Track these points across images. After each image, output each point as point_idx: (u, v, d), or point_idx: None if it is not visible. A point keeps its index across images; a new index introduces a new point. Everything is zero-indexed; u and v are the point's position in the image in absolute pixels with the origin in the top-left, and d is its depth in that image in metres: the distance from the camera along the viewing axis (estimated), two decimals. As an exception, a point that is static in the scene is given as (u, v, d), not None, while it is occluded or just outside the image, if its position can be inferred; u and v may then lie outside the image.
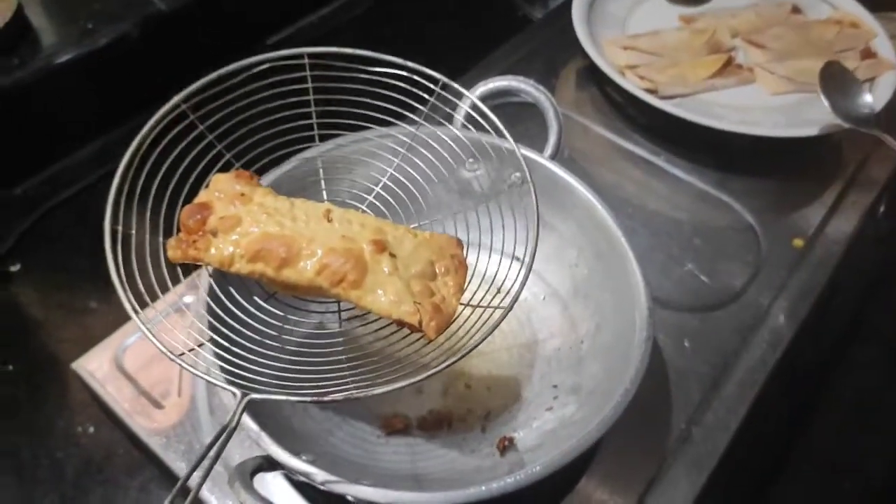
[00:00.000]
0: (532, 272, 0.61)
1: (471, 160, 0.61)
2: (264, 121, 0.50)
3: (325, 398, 0.40)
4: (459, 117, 0.61)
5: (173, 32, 0.82)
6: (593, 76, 0.86)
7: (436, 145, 0.55)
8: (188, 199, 0.46)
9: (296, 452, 0.42)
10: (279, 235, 0.43)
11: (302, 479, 0.41)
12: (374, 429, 0.52)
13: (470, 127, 0.59)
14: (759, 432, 0.61)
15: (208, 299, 0.46)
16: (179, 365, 0.40)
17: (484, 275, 0.49)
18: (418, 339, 0.43)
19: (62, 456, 0.55)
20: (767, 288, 0.67)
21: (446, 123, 0.56)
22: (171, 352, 0.40)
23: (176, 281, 0.44)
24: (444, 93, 0.52)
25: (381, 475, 0.47)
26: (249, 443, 0.53)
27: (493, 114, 0.53)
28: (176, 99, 0.46)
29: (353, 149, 0.57)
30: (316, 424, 0.50)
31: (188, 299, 0.60)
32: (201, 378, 0.41)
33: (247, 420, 0.42)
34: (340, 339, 0.45)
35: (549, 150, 0.60)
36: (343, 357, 0.43)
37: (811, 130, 0.73)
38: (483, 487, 0.40)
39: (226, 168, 0.49)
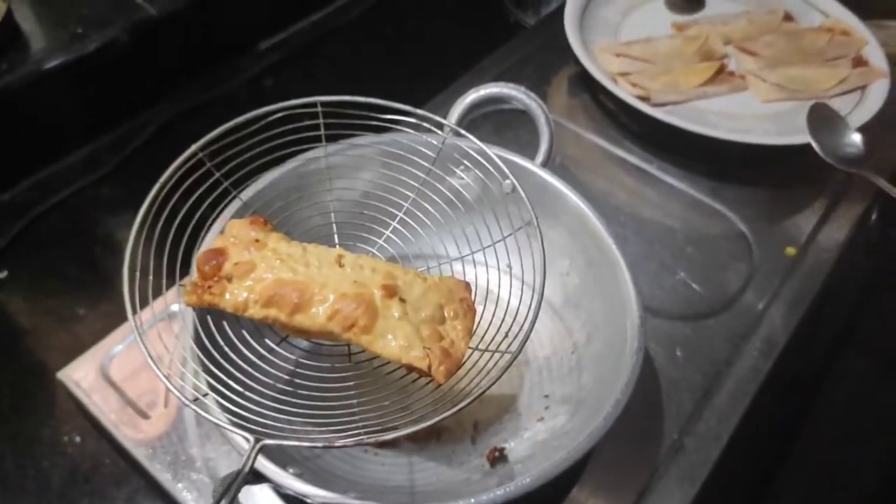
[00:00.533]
0: (522, 281, 0.61)
1: (461, 167, 0.60)
2: (279, 164, 0.53)
3: (336, 444, 0.40)
4: (451, 123, 0.61)
5: (163, 37, 0.81)
6: (585, 83, 0.86)
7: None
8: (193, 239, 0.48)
9: (283, 465, 0.41)
10: (292, 281, 0.44)
11: (289, 492, 0.40)
12: (362, 440, 0.52)
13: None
14: (751, 441, 0.61)
15: (194, 346, 0.46)
16: (195, 411, 0.41)
17: (494, 311, 0.50)
18: (428, 383, 0.44)
19: (48, 466, 0.55)
20: (760, 296, 0.66)
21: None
22: (185, 397, 0.41)
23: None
24: (452, 138, 0.55)
25: (370, 488, 0.47)
26: (236, 454, 0.52)
27: (485, 120, 0.53)
28: (193, 147, 0.48)
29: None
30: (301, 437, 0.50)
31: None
32: (215, 423, 0.41)
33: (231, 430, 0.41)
34: (352, 384, 0.45)
35: (540, 157, 0.60)
36: (354, 401, 0.44)
37: (803, 138, 0.73)
38: (472, 500, 0.40)
39: (241, 213, 0.51)
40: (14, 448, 0.56)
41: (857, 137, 0.74)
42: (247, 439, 0.39)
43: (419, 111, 0.52)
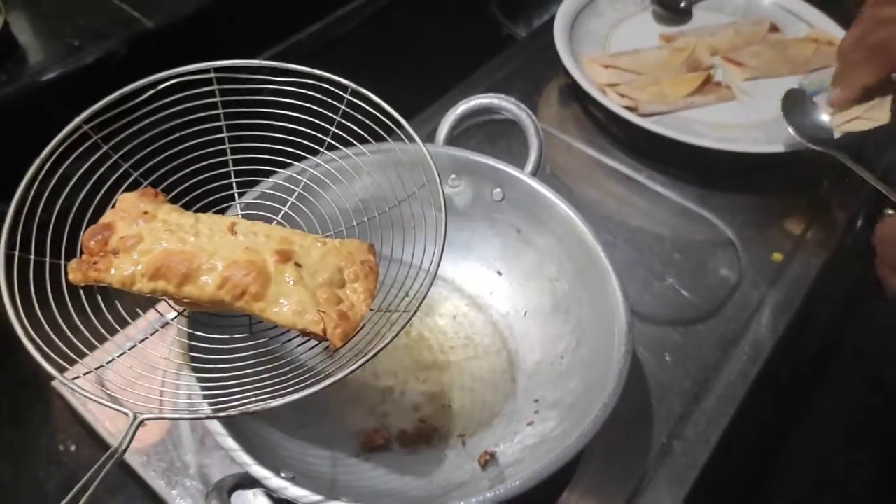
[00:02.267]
0: (512, 287, 0.62)
1: (452, 177, 0.61)
2: (173, 137, 0.49)
3: (221, 414, 0.39)
4: (442, 134, 0.62)
5: (161, 50, 0.82)
6: (575, 94, 0.87)
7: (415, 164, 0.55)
8: (95, 221, 0.45)
9: (275, 469, 0.42)
10: (180, 252, 0.42)
11: (282, 496, 0.41)
12: (353, 445, 0.52)
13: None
14: (740, 446, 0.61)
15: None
16: (69, 387, 0.40)
17: (396, 273, 0.49)
18: (326, 348, 0.43)
19: (44, 475, 0.55)
20: (747, 302, 0.67)
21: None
22: (62, 375, 0.40)
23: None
24: (354, 100, 0.51)
25: (362, 492, 0.47)
26: (230, 460, 0.53)
27: (477, 130, 0.53)
28: (77, 120, 0.46)
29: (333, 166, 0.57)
30: (295, 441, 0.50)
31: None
32: (91, 399, 0.40)
33: (225, 437, 0.42)
34: (249, 354, 0.44)
35: (529, 166, 0.61)
36: (250, 371, 0.43)
37: (790, 146, 0.75)
38: (462, 503, 0.41)
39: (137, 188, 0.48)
40: (10, 457, 0.56)
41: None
42: (127, 415, 0.39)
43: (318, 72, 0.50)
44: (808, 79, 0.84)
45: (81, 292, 0.45)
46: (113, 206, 0.46)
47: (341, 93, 0.51)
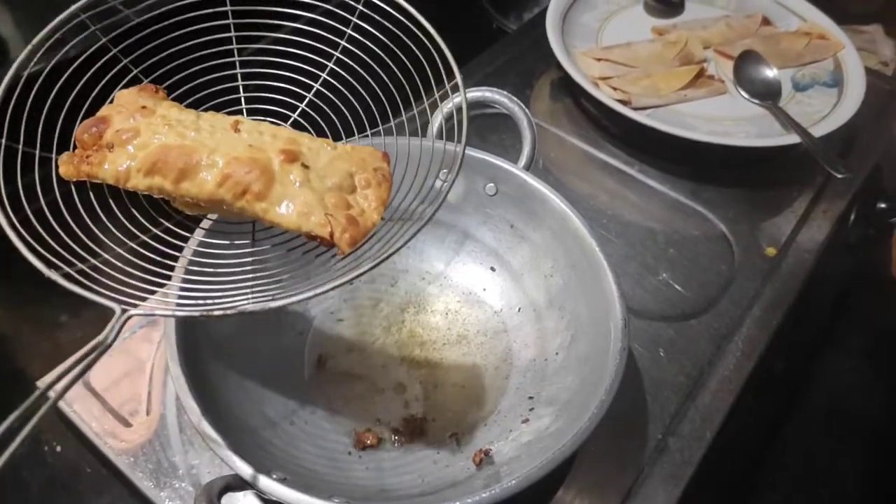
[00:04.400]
0: (506, 283, 0.61)
1: (444, 171, 0.60)
2: (178, 34, 0.47)
3: (214, 312, 0.36)
4: (434, 128, 0.61)
5: (145, 44, 0.81)
6: (567, 87, 0.87)
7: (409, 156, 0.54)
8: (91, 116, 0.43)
9: (266, 471, 0.41)
10: (178, 146, 0.40)
11: (273, 498, 0.40)
12: (346, 445, 0.52)
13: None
14: (735, 441, 0.61)
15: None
16: (55, 280, 0.36)
17: (413, 182, 0.45)
18: (333, 256, 0.40)
19: (27, 475, 0.54)
20: (741, 296, 0.67)
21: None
22: (46, 267, 0.37)
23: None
24: (367, 11, 0.48)
25: (355, 492, 0.47)
26: (219, 461, 0.52)
27: (468, 124, 0.52)
28: (74, 7, 0.43)
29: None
30: (285, 440, 0.49)
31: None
32: (78, 293, 0.36)
33: (214, 437, 0.41)
34: (249, 260, 0.42)
35: (523, 160, 0.60)
36: (249, 275, 0.40)
37: (782, 140, 0.74)
38: (458, 503, 0.40)
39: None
40: (-8, 458, 0.55)
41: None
42: (113, 309, 0.36)
43: None
44: (801, 72, 0.84)
45: (73, 188, 0.42)
46: (111, 102, 0.43)
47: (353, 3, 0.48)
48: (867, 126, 0.83)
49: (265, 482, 0.40)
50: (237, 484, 0.40)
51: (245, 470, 0.40)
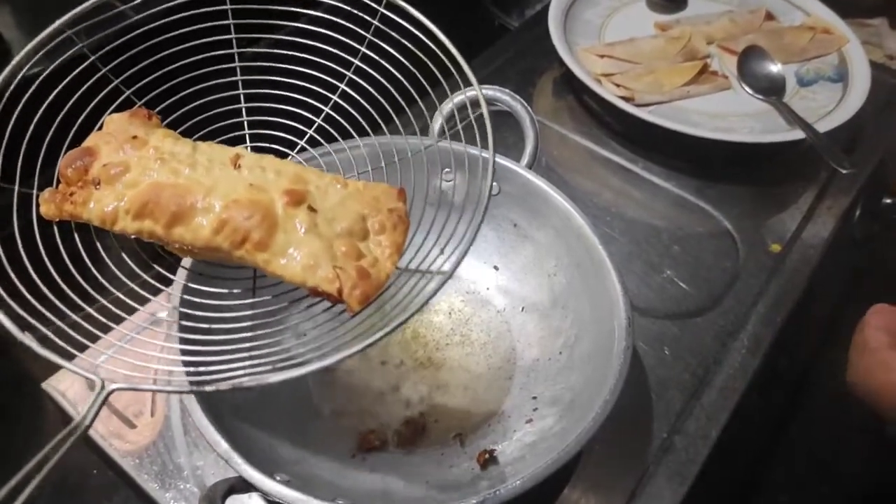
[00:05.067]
0: (509, 282, 0.61)
1: (447, 170, 0.60)
2: (175, 51, 0.43)
3: (207, 388, 0.33)
4: (436, 127, 0.61)
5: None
6: (570, 84, 0.86)
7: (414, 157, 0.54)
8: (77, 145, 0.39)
9: (270, 473, 0.41)
10: (171, 185, 0.36)
11: (277, 500, 0.40)
12: (349, 446, 0.51)
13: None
14: (740, 439, 0.61)
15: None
16: (27, 344, 0.33)
17: (431, 225, 0.42)
18: (342, 312, 0.36)
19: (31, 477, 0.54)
20: (746, 293, 0.67)
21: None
22: (19, 329, 0.34)
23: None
24: (389, 13, 0.44)
25: (358, 494, 0.47)
26: (224, 462, 0.52)
27: (469, 125, 0.51)
28: (58, 23, 0.40)
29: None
30: (289, 443, 0.49)
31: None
32: (56, 362, 0.34)
33: (218, 439, 0.41)
34: (249, 314, 0.37)
35: (525, 159, 0.60)
36: (247, 335, 0.36)
37: (786, 136, 0.74)
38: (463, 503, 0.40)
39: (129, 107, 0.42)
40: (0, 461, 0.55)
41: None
42: (93, 382, 0.33)
43: None
44: (805, 67, 0.83)
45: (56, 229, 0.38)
46: (99, 129, 0.40)
47: (374, 5, 0.44)
48: (872, 121, 0.82)
49: (269, 484, 0.40)
50: (241, 486, 0.41)
51: (249, 472, 0.40)
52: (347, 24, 0.46)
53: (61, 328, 0.35)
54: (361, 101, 0.47)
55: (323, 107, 0.47)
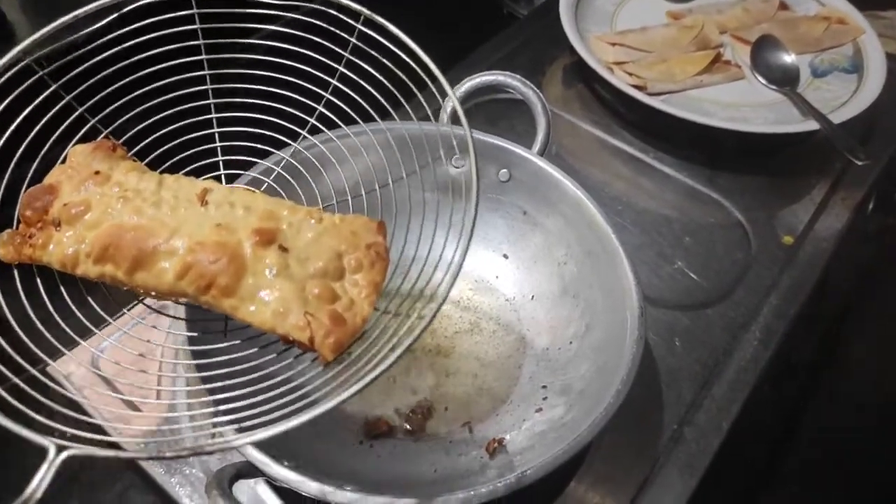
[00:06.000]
0: (519, 270, 0.60)
1: (457, 156, 0.60)
2: (142, 74, 0.41)
3: (167, 454, 0.30)
4: (446, 113, 0.60)
5: (156, 28, 0.80)
6: (581, 73, 0.85)
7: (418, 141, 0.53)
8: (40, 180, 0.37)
9: (277, 458, 0.40)
10: (133, 227, 0.34)
11: (284, 485, 0.40)
12: (357, 432, 0.51)
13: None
14: (752, 431, 0.60)
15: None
16: None
17: (411, 264, 0.40)
18: (314, 360, 0.35)
19: (37, 462, 0.53)
20: (758, 285, 0.66)
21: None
22: None
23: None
24: (366, 30, 0.42)
25: (366, 480, 0.46)
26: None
27: (478, 110, 0.50)
28: (16, 51, 0.38)
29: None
30: (297, 428, 0.48)
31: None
32: (7, 426, 0.31)
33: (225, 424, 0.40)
34: (219, 360, 0.36)
35: (537, 145, 0.59)
36: (218, 384, 0.34)
37: (800, 127, 0.73)
38: (472, 492, 0.39)
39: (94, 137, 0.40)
40: (0, 445, 0.54)
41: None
42: (46, 448, 0.30)
43: None
44: (819, 58, 0.82)
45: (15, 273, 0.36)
46: (63, 161, 0.38)
47: (351, 21, 0.42)
48: (887, 112, 0.81)
49: (277, 469, 0.39)
50: (248, 471, 0.40)
51: (257, 457, 0.39)
52: (324, 43, 0.44)
53: (16, 384, 0.33)
54: (338, 122, 0.46)
55: (300, 130, 0.46)
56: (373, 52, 0.43)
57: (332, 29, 0.43)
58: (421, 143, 0.58)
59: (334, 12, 0.42)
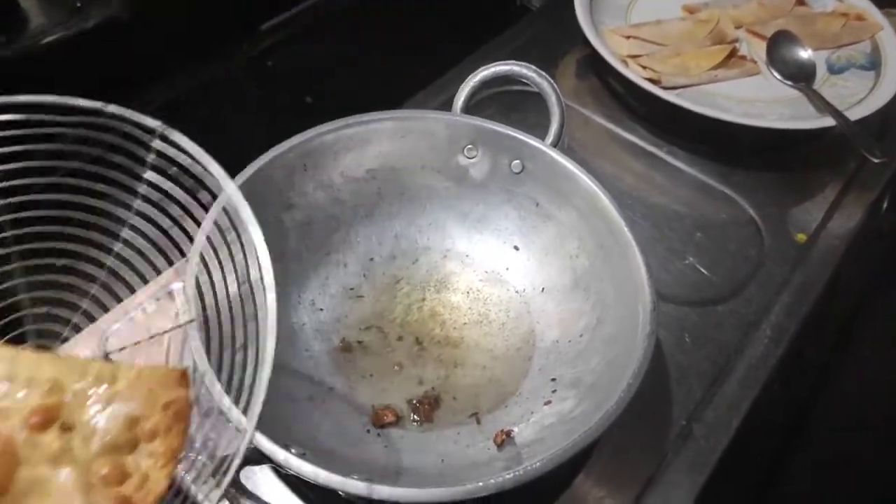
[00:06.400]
0: (530, 262, 0.60)
1: (469, 147, 0.59)
2: None
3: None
4: (459, 103, 0.60)
5: (165, 14, 0.80)
6: (594, 66, 0.85)
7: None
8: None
9: (284, 445, 0.40)
10: None
11: (292, 473, 0.39)
12: (364, 421, 0.51)
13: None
14: (761, 429, 0.60)
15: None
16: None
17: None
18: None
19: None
20: (770, 283, 0.65)
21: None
22: None
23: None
24: (166, 144, 0.38)
25: (373, 470, 0.46)
26: (235, 434, 0.51)
27: (490, 101, 0.49)
28: None
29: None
30: (304, 416, 0.48)
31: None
32: None
33: (233, 410, 0.40)
34: None
35: (550, 137, 0.58)
36: None
37: (815, 123, 0.72)
38: (481, 483, 0.39)
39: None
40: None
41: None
42: None
43: (112, 108, 0.38)
44: (836, 54, 0.81)
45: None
46: None
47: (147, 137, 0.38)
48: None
49: (285, 456, 0.39)
50: (255, 458, 0.40)
51: (266, 444, 0.39)
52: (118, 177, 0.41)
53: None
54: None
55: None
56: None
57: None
58: (434, 133, 0.58)
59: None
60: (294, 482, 0.48)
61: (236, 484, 0.36)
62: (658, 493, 0.52)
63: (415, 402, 0.52)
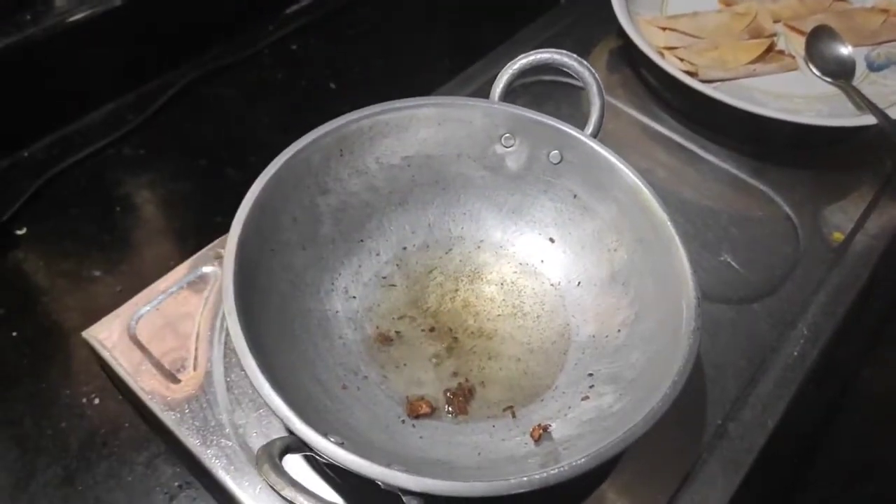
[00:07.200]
0: (566, 255, 0.59)
1: (507, 135, 0.58)
2: None
3: None
4: (497, 91, 0.58)
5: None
6: (627, 57, 0.83)
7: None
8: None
9: (323, 432, 0.39)
10: None
11: (332, 461, 0.38)
12: (398, 412, 0.50)
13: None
14: (796, 428, 0.59)
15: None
16: None
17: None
18: None
19: (66, 426, 0.53)
20: (806, 282, 0.64)
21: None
22: None
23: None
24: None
25: (409, 460, 0.45)
26: (267, 421, 0.51)
27: (524, 91, 0.48)
28: None
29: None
30: (340, 406, 0.47)
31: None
32: None
33: (274, 399, 0.39)
34: None
35: (590, 127, 0.57)
36: None
37: (856, 121, 0.71)
38: (525, 478, 0.38)
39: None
40: (32, 408, 0.54)
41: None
42: None
43: None
44: (876, 51, 0.80)
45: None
46: None
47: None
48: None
49: (326, 445, 0.38)
50: (297, 446, 0.39)
51: (307, 433, 0.38)
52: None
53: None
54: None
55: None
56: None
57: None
58: (471, 121, 0.57)
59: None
60: (328, 471, 0.48)
61: (280, 472, 0.36)
62: (694, 492, 0.51)
63: (449, 393, 0.51)
